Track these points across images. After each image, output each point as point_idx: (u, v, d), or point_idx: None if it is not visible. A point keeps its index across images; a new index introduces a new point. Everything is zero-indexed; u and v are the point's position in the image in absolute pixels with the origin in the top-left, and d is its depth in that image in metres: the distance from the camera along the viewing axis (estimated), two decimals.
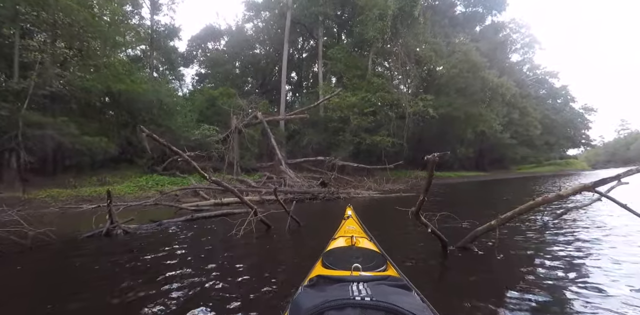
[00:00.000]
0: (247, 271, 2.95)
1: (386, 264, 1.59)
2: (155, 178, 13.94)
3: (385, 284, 1.00)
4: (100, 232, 4.85)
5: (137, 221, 5.74)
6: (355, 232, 2.29)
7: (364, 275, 1.29)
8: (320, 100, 18.79)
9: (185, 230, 5.28)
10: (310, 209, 8.54)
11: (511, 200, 8.25)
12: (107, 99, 15.12)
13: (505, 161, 42.02)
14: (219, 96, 19.57)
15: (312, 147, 20.03)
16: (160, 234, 5.10)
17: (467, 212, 5.60)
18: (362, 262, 1.46)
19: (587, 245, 3.58)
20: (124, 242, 4.63)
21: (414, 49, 21.33)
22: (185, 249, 4.00)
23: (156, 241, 4.58)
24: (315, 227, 5.32)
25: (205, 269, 3.04)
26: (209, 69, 32.97)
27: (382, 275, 1.21)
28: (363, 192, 11.89)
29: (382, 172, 19.17)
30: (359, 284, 0.93)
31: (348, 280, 1.01)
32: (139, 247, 4.25)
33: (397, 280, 1.09)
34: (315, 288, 1.01)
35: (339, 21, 25.45)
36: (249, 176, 15.17)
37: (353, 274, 1.30)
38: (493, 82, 21.15)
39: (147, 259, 3.55)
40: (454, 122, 23.39)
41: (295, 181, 12.57)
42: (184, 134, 15.15)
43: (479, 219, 4.35)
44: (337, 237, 2.21)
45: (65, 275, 3.19)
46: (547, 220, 5.02)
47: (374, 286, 0.93)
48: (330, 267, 1.53)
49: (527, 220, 5.16)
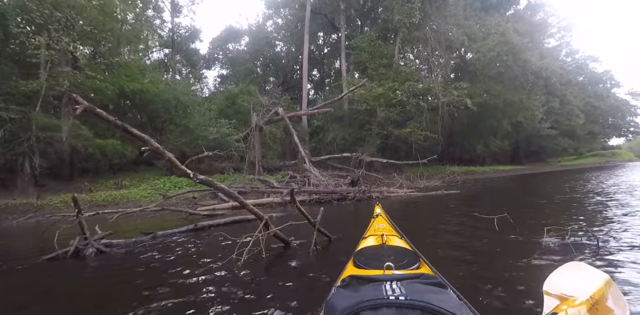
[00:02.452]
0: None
1: (419, 262, 1.54)
2: (173, 180, 13.26)
3: (419, 282, 0.98)
4: (66, 252, 3.79)
5: (129, 233, 4.83)
6: (385, 231, 2.22)
7: (397, 273, 1.24)
8: (344, 92, 17.56)
9: (179, 247, 4.17)
10: (341, 212, 7.38)
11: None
12: (122, 100, 14.57)
13: (542, 154, 39.32)
14: (239, 94, 18.81)
15: (337, 143, 18.90)
16: (145, 253, 3.97)
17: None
18: (394, 261, 1.40)
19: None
20: (82, 268, 3.52)
21: (445, 34, 19.64)
22: (150, 290, 2.67)
23: (122, 269, 3.40)
24: (352, 240, 4.03)
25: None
26: (230, 70, 32.90)
27: (416, 274, 1.17)
28: (398, 190, 10.62)
29: (412, 169, 17.84)
30: (393, 282, 0.91)
31: (381, 279, 1.00)
32: (90, 279, 3.16)
33: (432, 278, 1.08)
34: (348, 288, 1.00)
35: (362, 10, 24.06)
36: (271, 176, 14.27)
37: (386, 273, 1.25)
38: (536, 65, 19.11)
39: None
40: (489, 112, 21.51)
41: (321, 180, 11.49)
42: (202, 133, 14.40)
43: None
44: (367, 236, 2.17)
45: None
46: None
47: (408, 285, 0.90)
48: (362, 267, 1.49)
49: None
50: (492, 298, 2.21)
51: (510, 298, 2.21)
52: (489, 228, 4.25)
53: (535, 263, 2.90)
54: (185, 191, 9.99)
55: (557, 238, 3.61)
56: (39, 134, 10.56)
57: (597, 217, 4.95)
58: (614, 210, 5.39)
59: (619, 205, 5.89)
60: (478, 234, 4.16)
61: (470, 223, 4.83)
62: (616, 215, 4.94)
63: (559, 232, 3.66)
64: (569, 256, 3.03)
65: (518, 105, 21.07)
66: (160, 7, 25.63)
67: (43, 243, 4.49)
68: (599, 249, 3.23)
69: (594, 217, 4.91)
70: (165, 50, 29.90)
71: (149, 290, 2.66)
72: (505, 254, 3.29)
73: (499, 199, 8.88)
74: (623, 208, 5.58)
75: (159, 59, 29.34)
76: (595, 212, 5.37)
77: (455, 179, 15.50)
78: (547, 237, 3.59)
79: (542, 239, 3.59)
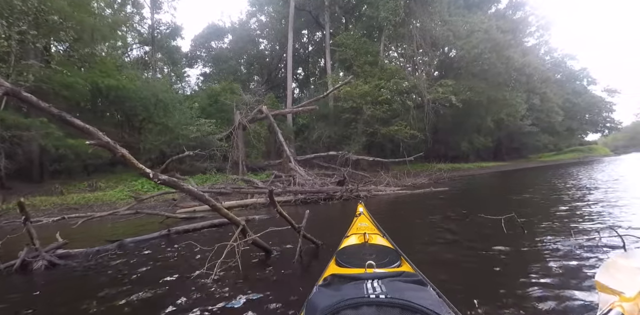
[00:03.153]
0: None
1: (400, 260, 1.55)
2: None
3: (400, 280, 0.99)
4: (11, 266, 3.26)
5: (95, 241, 4.35)
6: (368, 229, 2.21)
7: (378, 272, 1.23)
8: (329, 90, 17.26)
9: (148, 257, 3.66)
10: (328, 213, 7.05)
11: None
12: (98, 98, 13.85)
13: (524, 150, 40.10)
14: (221, 92, 18.27)
15: (322, 141, 18.60)
16: (107, 264, 3.45)
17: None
18: (376, 259, 1.43)
19: None
20: (26, 285, 2.98)
21: (430, 31, 19.55)
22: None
23: (73, 287, 2.90)
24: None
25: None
26: (213, 68, 32.28)
27: (397, 272, 1.18)
28: (386, 188, 10.39)
29: (398, 166, 17.72)
30: (374, 281, 0.93)
31: (362, 278, 1.01)
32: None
33: (412, 275, 1.10)
34: (330, 287, 1.01)
35: (346, 7, 23.75)
36: (255, 176, 13.88)
37: (367, 271, 1.25)
38: (518, 61, 19.24)
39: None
40: (473, 110, 21.59)
41: (307, 179, 11.15)
42: (183, 132, 13.84)
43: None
44: (350, 235, 2.16)
45: None
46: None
47: (389, 283, 0.92)
48: (344, 266, 1.49)
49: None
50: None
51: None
52: (492, 227, 4.01)
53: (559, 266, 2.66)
54: (160, 192, 9.47)
55: (579, 239, 3.34)
56: (4, 133, 9.84)
57: (604, 214, 4.75)
58: (621, 207, 5.16)
59: (620, 201, 5.73)
60: (484, 234, 3.91)
61: (467, 223, 4.61)
62: (624, 213, 4.73)
63: (585, 233, 3.50)
64: (597, 256, 2.83)
65: (502, 102, 21.22)
66: (139, 3, 24.76)
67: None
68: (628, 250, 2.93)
69: (601, 215, 4.69)
70: (146, 47, 29.19)
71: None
72: (521, 260, 2.99)
73: (490, 197, 8.73)
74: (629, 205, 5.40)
75: (139, 56, 28.57)
76: (602, 209, 5.16)
77: (441, 176, 15.44)
78: (573, 239, 3.36)
79: (567, 241, 3.36)
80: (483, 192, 9.98)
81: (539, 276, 2.44)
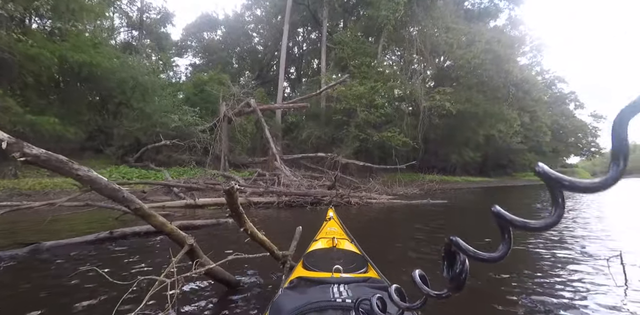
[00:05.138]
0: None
1: (367, 266, 1.54)
2: (122, 170, 11.50)
3: (365, 285, 1.00)
4: None
5: (19, 240, 3.30)
6: (337, 234, 2.17)
7: (345, 276, 1.24)
8: (323, 87, 16.44)
9: (63, 271, 2.52)
10: (317, 222, 6.08)
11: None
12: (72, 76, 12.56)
13: (509, 167, 40.18)
14: (208, 81, 17.17)
15: (311, 142, 17.71)
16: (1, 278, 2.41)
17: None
18: (343, 264, 1.43)
19: None
20: None
21: (431, 37, 19.03)
22: None
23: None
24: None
25: None
26: (203, 59, 31.09)
27: (363, 277, 1.19)
28: (379, 197, 9.54)
29: (388, 174, 17.01)
30: (340, 285, 0.94)
31: (329, 282, 1.01)
32: None
33: (378, 281, 1.11)
34: (296, 290, 1.00)
35: (346, 5, 23.03)
36: (237, 172, 12.87)
37: (334, 276, 1.27)
38: (517, 77, 18.92)
39: None
40: (467, 122, 21.19)
41: (292, 180, 10.22)
42: (162, 119, 12.71)
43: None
44: (318, 239, 2.09)
45: None
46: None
47: (355, 288, 0.93)
48: (311, 269, 1.47)
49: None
50: None
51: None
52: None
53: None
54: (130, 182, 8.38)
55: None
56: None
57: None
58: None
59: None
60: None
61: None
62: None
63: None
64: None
65: (498, 116, 20.87)
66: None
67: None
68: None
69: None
70: (134, 32, 28.01)
71: None
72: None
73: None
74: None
75: (126, 40, 27.32)
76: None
77: (433, 187, 14.76)
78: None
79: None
80: (482, 208, 9.19)
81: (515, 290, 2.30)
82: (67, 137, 11.51)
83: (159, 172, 11.79)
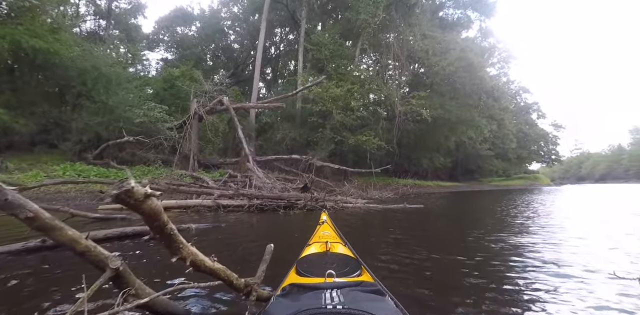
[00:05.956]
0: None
1: (360, 269, 1.54)
2: (78, 167, 10.58)
3: (358, 290, 0.99)
4: None
5: None
6: (330, 238, 2.16)
7: (338, 281, 1.25)
8: (299, 88, 16.09)
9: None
10: (290, 227, 5.69)
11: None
12: (22, 62, 11.48)
13: (477, 173, 41.59)
14: (179, 77, 16.33)
15: (286, 143, 17.29)
16: None
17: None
18: (337, 268, 1.40)
19: None
20: None
21: (408, 42, 19.20)
22: None
23: None
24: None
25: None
26: (176, 54, 29.91)
27: (356, 281, 1.16)
28: (355, 201, 9.27)
29: (362, 178, 16.92)
30: (333, 291, 0.92)
31: (322, 287, 0.99)
32: None
33: (371, 285, 1.09)
34: (288, 297, 0.98)
35: (324, 7, 22.84)
36: (207, 173, 12.23)
37: (327, 281, 1.26)
38: (489, 84, 19.47)
39: None
40: (439, 128, 21.56)
41: (265, 182, 9.77)
42: (125, 114, 11.87)
43: None
44: (312, 243, 2.09)
45: None
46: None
47: (348, 293, 0.92)
48: (304, 275, 1.46)
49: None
50: None
51: None
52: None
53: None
54: (56, 181, 7.60)
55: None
56: None
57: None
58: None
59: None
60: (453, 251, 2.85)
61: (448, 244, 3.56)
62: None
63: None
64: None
65: (469, 123, 21.35)
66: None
67: None
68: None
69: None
70: (102, 21, 26.60)
71: None
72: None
73: (487, 219, 7.31)
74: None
75: (92, 30, 25.86)
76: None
77: (407, 191, 14.76)
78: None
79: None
80: (458, 212, 9.10)
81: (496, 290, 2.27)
82: (15, 129, 10.49)
83: (120, 170, 10.98)
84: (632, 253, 3.45)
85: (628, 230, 5.05)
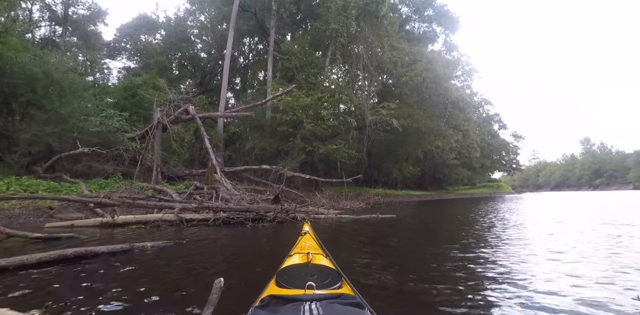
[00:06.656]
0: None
1: (341, 281, 1.52)
2: (25, 182, 9.61)
3: (338, 302, 0.99)
4: None
5: None
6: (312, 249, 2.14)
7: (318, 293, 1.22)
8: (269, 97, 15.84)
9: None
10: (258, 242, 5.30)
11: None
12: None
13: (444, 181, 42.74)
14: (142, 85, 15.59)
15: (255, 153, 16.85)
16: None
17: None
18: (317, 280, 1.40)
19: None
20: None
21: (377, 53, 19.58)
22: None
23: None
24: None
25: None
26: (139, 63, 28.65)
27: (336, 293, 1.20)
28: (327, 211, 9.01)
29: (333, 188, 16.74)
30: (312, 303, 0.92)
31: (301, 299, 1.00)
32: None
33: (351, 298, 1.12)
34: (266, 309, 0.98)
35: (293, 17, 22.89)
36: (172, 186, 11.57)
37: (307, 293, 1.23)
38: (454, 95, 20.15)
39: None
40: (408, 137, 21.97)
41: (233, 194, 9.33)
42: (80, 123, 11.06)
43: None
44: (293, 254, 2.06)
45: None
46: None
47: (327, 305, 0.91)
48: (283, 286, 1.44)
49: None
50: None
51: None
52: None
53: None
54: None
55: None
56: None
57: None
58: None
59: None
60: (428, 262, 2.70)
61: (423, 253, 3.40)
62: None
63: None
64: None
65: (437, 132, 21.90)
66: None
67: None
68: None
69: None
70: (58, 27, 25.26)
71: None
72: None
73: (460, 229, 7.33)
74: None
75: (47, 36, 24.48)
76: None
77: (379, 201, 14.71)
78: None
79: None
80: (446, 224, 8.94)
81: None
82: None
83: (74, 184, 10.11)
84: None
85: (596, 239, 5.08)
